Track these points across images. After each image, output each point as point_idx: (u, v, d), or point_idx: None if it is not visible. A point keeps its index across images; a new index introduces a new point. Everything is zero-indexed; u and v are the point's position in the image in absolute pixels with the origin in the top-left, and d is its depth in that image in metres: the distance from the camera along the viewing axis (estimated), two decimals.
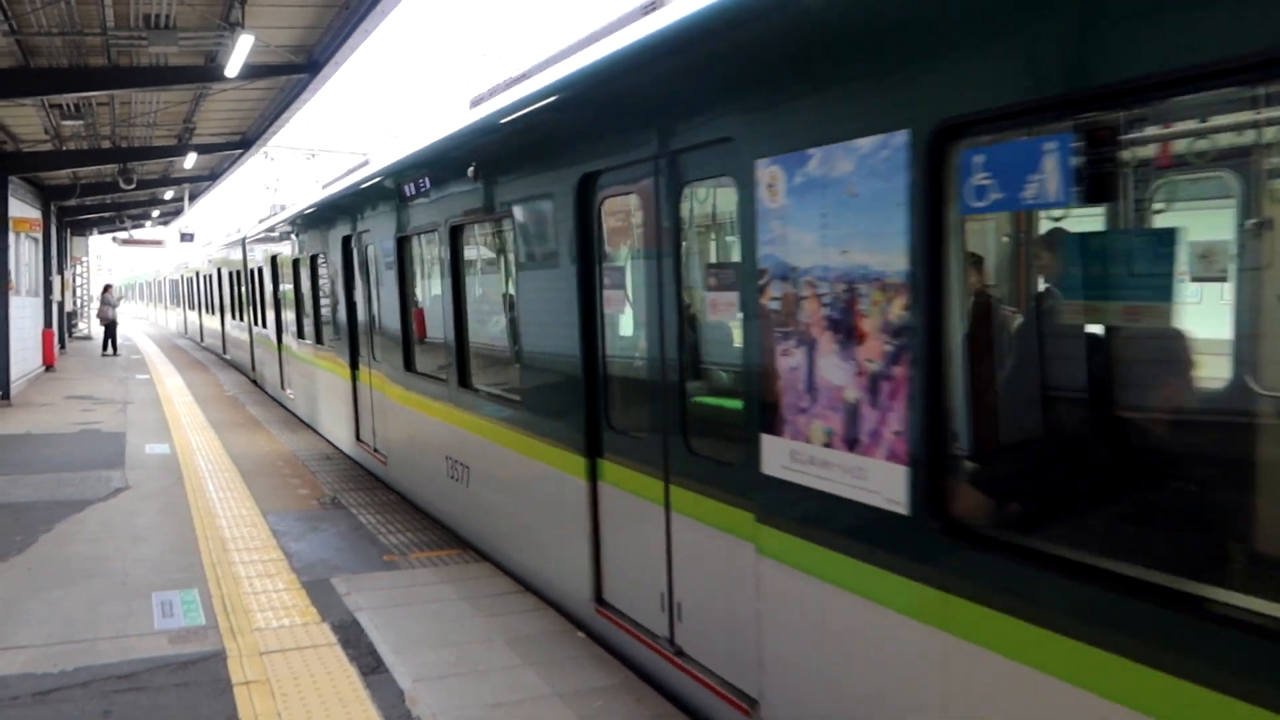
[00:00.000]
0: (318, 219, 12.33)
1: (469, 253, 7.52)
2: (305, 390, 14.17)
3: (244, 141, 22.98)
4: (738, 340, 4.13)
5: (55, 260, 27.38)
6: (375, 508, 9.06)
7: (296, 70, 15.34)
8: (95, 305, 35.57)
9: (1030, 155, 2.83)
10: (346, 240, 10.64)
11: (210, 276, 27.51)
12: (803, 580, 3.71)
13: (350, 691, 4.96)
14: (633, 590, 5.12)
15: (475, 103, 7.69)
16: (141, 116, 19.58)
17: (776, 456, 3.79)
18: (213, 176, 30.59)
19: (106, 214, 37.27)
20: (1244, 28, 2.25)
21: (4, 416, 15.28)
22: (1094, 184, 2.89)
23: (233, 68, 14.14)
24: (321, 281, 12.42)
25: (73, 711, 4.79)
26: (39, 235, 24.42)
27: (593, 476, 5.37)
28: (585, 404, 5.33)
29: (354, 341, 10.82)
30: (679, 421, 4.61)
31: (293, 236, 14.18)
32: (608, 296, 5.24)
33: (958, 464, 3.24)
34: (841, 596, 3.52)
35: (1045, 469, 3.40)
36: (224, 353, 26.30)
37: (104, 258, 65.99)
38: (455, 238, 7.28)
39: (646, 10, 5.32)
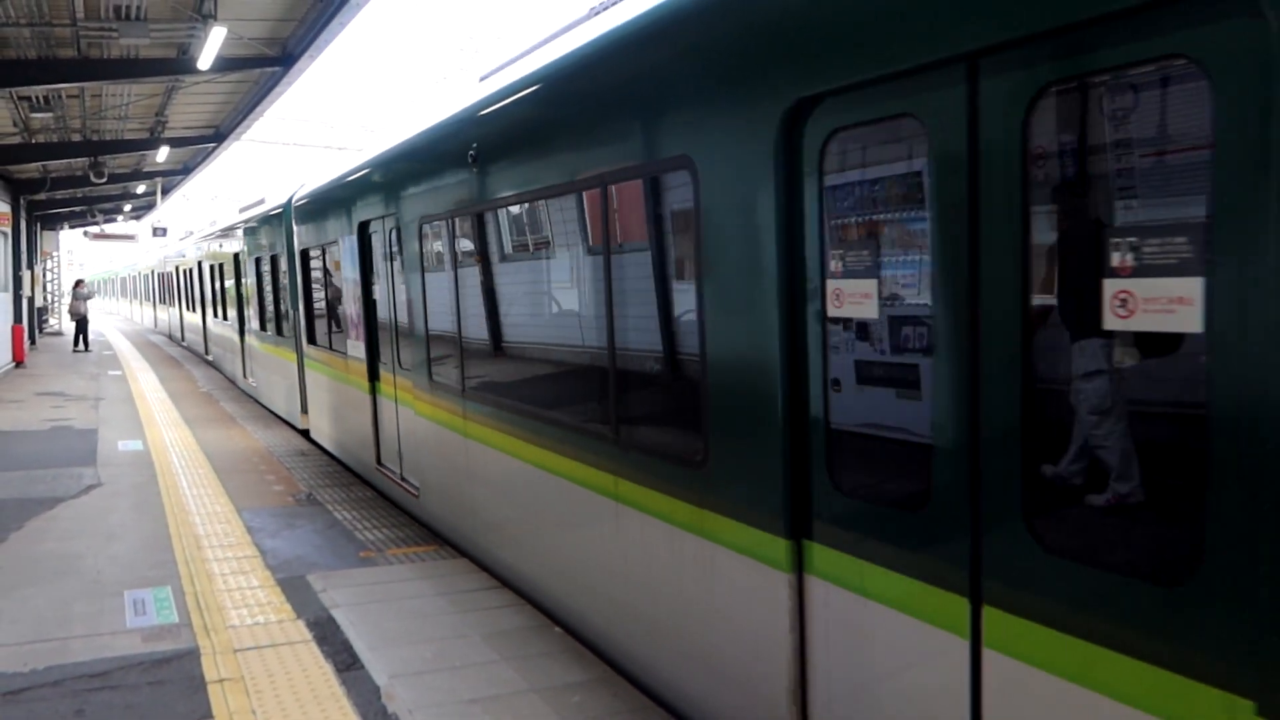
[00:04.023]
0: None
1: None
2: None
3: (217, 135, 22.80)
4: None
5: (25, 255, 27.06)
6: (351, 504, 9.02)
7: (270, 63, 15.23)
8: (66, 300, 35.16)
9: None
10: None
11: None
12: None
13: (326, 688, 4.94)
14: None
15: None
16: (113, 109, 19.38)
17: None
18: (186, 170, 30.33)
19: (77, 208, 36.91)
20: None
21: None
22: None
23: (205, 60, 14.02)
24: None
25: (45, 711, 4.73)
26: (8, 230, 24.15)
27: None
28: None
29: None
30: None
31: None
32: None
33: None
34: None
35: None
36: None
37: (75, 252, 65.24)
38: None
39: None
